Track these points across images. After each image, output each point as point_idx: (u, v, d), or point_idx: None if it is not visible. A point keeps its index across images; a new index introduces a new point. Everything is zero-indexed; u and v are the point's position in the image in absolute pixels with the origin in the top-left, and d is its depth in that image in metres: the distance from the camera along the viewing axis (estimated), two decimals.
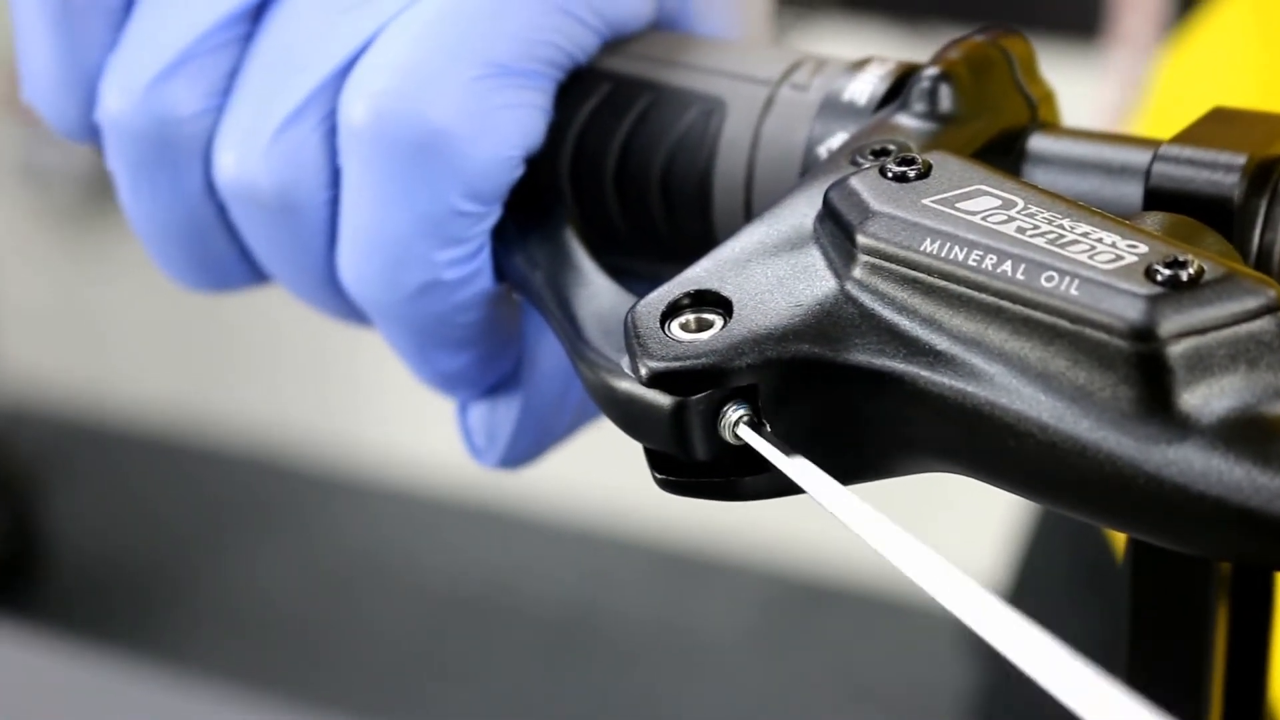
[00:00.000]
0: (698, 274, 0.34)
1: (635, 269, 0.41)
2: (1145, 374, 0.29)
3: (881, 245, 0.32)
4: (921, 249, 0.31)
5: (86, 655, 0.84)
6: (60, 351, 2.59)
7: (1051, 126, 0.37)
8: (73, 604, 2.23)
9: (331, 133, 0.38)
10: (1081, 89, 1.03)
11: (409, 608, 2.18)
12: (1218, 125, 0.34)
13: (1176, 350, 0.29)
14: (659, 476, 0.34)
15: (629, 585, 2.19)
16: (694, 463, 0.33)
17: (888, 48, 1.84)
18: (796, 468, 0.31)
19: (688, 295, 0.33)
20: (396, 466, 2.38)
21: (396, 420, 2.35)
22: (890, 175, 0.33)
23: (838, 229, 0.33)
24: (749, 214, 0.38)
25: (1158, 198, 0.34)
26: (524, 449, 0.43)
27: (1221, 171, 0.33)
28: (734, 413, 0.32)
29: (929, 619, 2.03)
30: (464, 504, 2.32)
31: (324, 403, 2.44)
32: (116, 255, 2.48)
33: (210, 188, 0.40)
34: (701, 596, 2.16)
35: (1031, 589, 0.77)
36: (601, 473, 2.19)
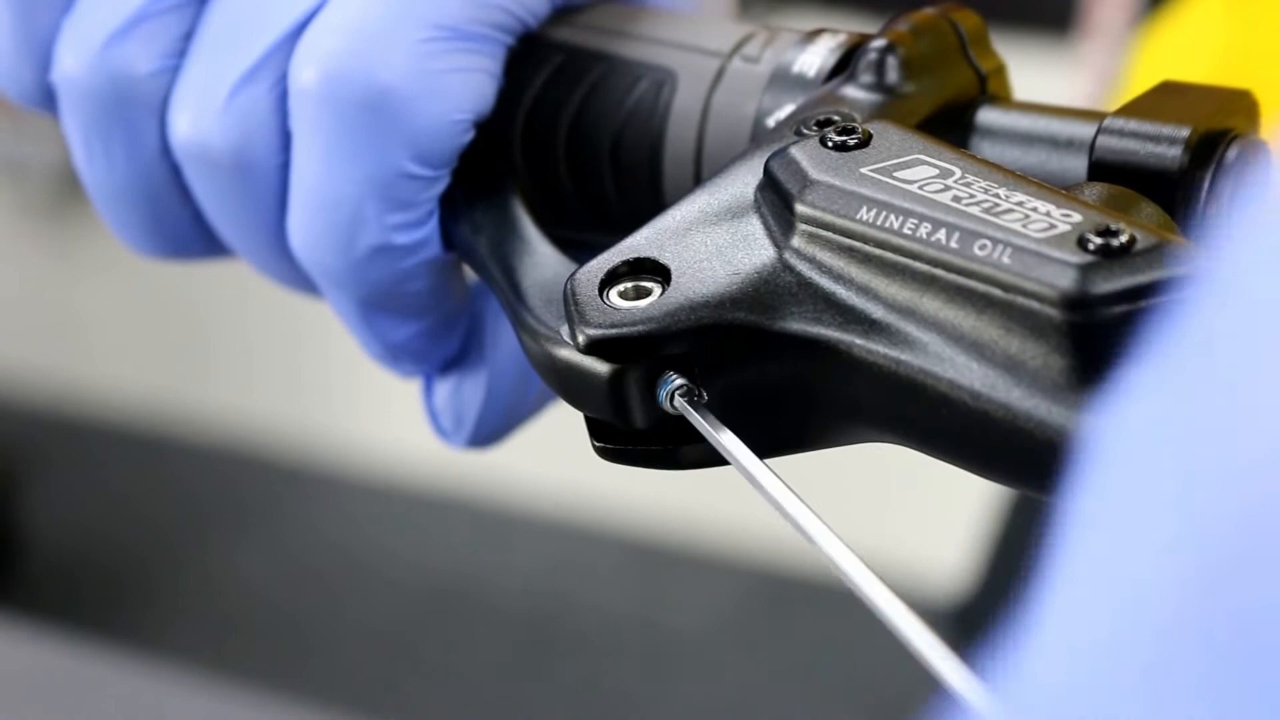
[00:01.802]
0: (637, 242, 0.34)
1: (587, 241, 0.41)
2: (1076, 342, 0.29)
3: (819, 214, 0.32)
4: (858, 217, 0.31)
5: (63, 647, 0.83)
6: (36, 344, 2.58)
7: (1000, 99, 0.37)
8: (50, 596, 2.22)
9: (285, 95, 0.38)
10: (1055, 82, 1.03)
11: (384, 600, 2.17)
12: (1164, 98, 0.34)
13: (1107, 318, 0.29)
14: (598, 445, 0.34)
15: (605, 578, 2.19)
16: (633, 431, 0.33)
17: None
18: (724, 440, 0.31)
19: (626, 263, 0.33)
20: (372, 460, 2.38)
21: (372, 414, 2.35)
22: (830, 145, 0.33)
23: (777, 198, 0.33)
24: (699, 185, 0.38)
25: (1102, 170, 0.33)
26: (491, 428, 0.43)
27: (1165, 144, 0.33)
28: (673, 381, 0.32)
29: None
30: (440, 497, 2.32)
31: (300, 396, 2.43)
32: (92, 249, 2.47)
33: (165, 148, 0.40)
34: (677, 589, 2.16)
35: (1009, 557, 0.77)
36: (577, 466, 2.19)
